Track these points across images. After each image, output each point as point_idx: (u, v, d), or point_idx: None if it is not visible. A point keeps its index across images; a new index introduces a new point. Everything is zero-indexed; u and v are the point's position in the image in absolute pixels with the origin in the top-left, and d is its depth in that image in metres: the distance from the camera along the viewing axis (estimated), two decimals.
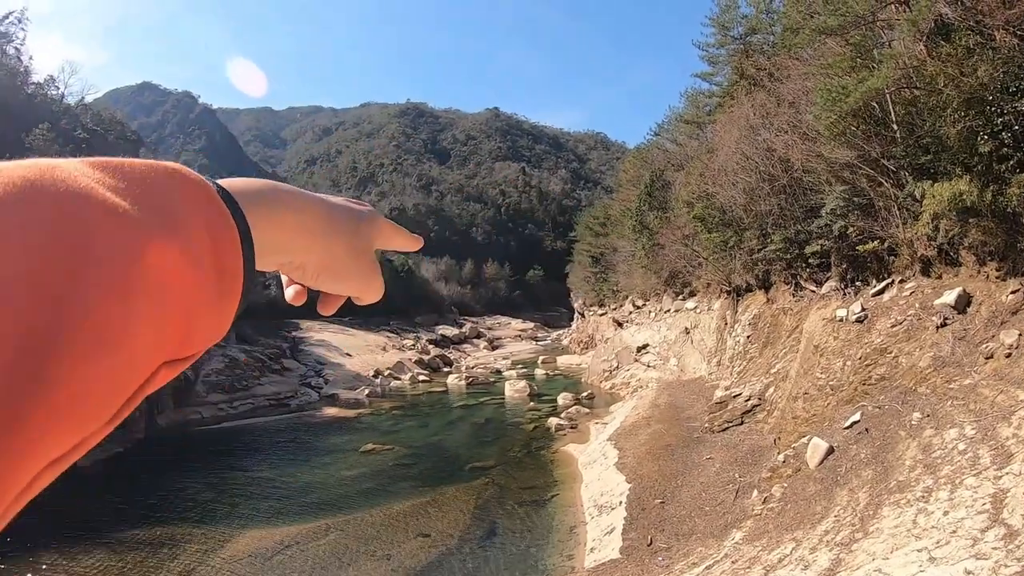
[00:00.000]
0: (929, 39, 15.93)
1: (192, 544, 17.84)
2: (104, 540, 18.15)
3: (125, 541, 18.05)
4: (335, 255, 0.86)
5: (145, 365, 0.49)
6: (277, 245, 0.76)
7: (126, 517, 20.19)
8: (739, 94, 29.66)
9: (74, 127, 42.43)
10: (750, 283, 25.90)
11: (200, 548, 17.56)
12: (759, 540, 12.09)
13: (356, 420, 35.81)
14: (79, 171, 0.49)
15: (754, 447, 17.80)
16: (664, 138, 50.50)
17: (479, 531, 18.28)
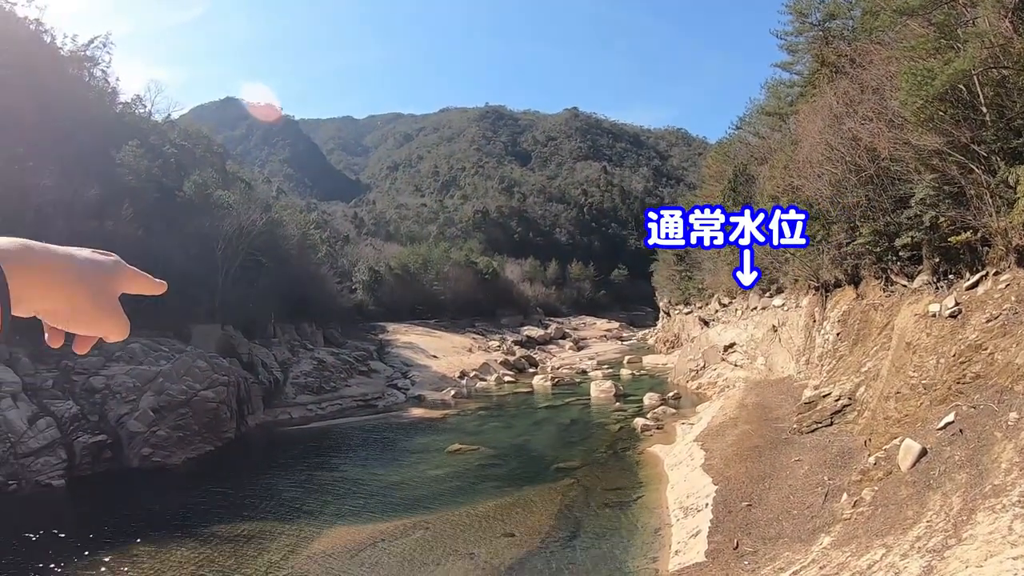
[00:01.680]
0: (1015, 15, 15.14)
1: (280, 539, 18.55)
2: (195, 534, 19.09)
3: (215, 535, 18.95)
4: (80, 303, 1.04)
5: None
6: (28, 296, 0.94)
7: (216, 512, 21.13)
8: (821, 82, 28.79)
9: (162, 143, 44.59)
10: (839, 278, 25.11)
11: (288, 543, 18.23)
12: (848, 545, 11.76)
13: (442, 421, 36.37)
14: None
15: (844, 449, 17.26)
16: (746, 131, 49.43)
17: (563, 532, 18.36)
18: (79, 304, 1.03)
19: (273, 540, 18.49)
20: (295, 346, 47.57)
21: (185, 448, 27.62)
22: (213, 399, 29.94)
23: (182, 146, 47.58)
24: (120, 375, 27.93)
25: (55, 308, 1.01)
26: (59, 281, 1.00)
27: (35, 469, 23.11)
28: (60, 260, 1.01)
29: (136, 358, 29.30)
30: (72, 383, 26.93)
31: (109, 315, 1.08)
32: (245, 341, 39.75)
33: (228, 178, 53.64)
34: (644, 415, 31.60)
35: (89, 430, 25.66)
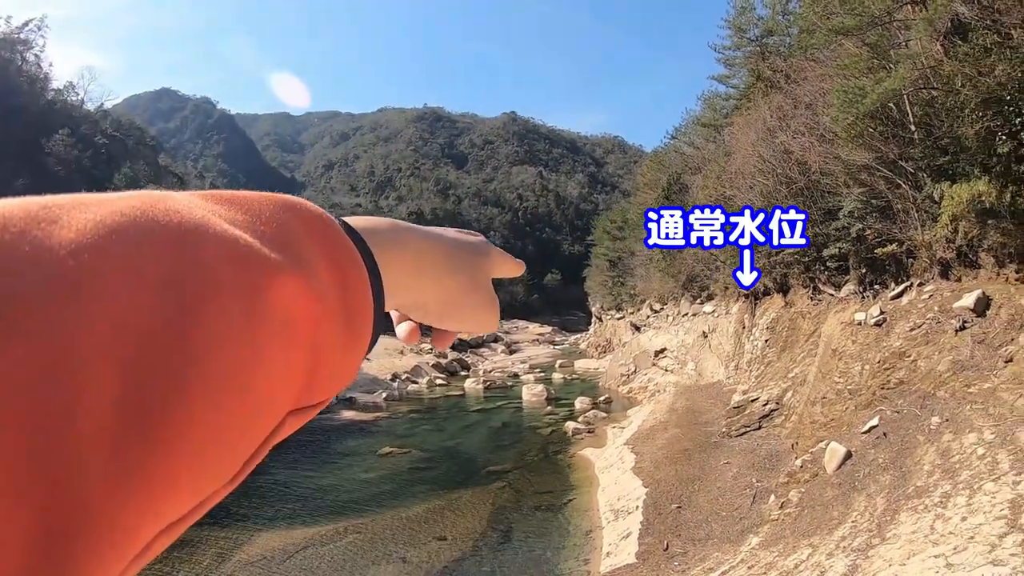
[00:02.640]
0: (946, 38, 15.78)
1: (209, 545, 17.91)
2: None
3: None
4: (455, 293, 0.83)
5: (272, 412, 0.45)
6: (398, 286, 0.72)
7: None
8: (756, 96, 29.53)
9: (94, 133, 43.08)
10: (768, 286, 25.72)
11: (217, 549, 17.65)
12: (776, 545, 12.00)
13: (373, 423, 35.87)
14: (193, 203, 0.43)
15: (772, 452, 17.66)
16: (681, 141, 50.33)
17: (495, 535, 18.25)
18: (453, 294, 0.82)
19: (202, 546, 17.77)
20: None
21: None
22: None
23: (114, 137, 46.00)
24: None
25: (428, 301, 0.81)
26: (433, 268, 0.79)
27: None
28: (434, 242, 0.80)
29: None
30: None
31: (485, 305, 0.88)
32: None
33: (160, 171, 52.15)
34: (575, 419, 31.71)
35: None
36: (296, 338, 0.45)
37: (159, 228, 0.39)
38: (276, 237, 0.47)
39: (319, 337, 0.48)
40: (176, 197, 0.43)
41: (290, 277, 0.45)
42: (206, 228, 0.41)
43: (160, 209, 0.40)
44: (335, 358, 0.52)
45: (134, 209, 0.39)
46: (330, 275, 0.51)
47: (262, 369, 0.42)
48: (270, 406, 0.44)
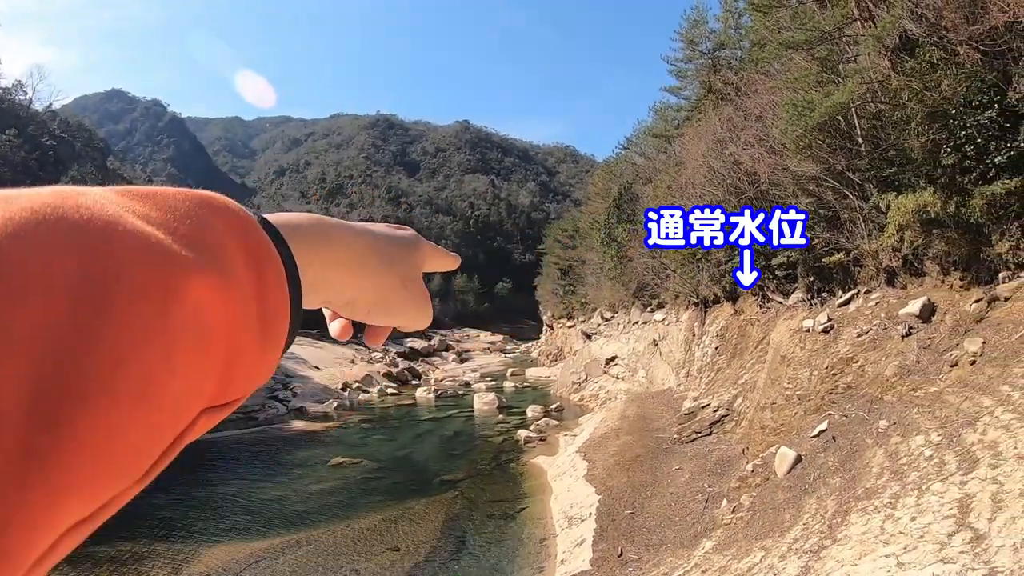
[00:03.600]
0: (894, 54, 16.27)
1: (157, 560, 17.42)
2: (66, 557, 17.56)
3: (87, 558, 17.44)
4: (385, 288, 0.80)
5: (183, 413, 0.44)
6: (324, 283, 0.70)
7: None
8: (707, 108, 30.01)
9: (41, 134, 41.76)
10: (717, 295, 26.10)
11: (168, 564, 17.20)
12: (729, 549, 12.12)
13: (324, 433, 35.38)
14: (106, 199, 0.42)
15: (723, 457, 17.87)
16: (633, 152, 50.84)
17: (449, 545, 18.11)
18: (384, 290, 0.79)
19: (152, 560, 17.32)
20: None
21: None
22: None
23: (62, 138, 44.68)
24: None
25: (359, 297, 0.78)
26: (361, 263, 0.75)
27: None
28: (362, 238, 0.76)
29: None
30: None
31: (416, 300, 0.85)
32: None
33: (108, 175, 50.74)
34: (527, 427, 31.73)
35: None
36: (210, 339, 0.44)
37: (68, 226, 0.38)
38: (191, 235, 0.45)
39: (234, 337, 0.47)
40: (89, 193, 0.41)
41: (204, 276, 0.44)
42: (117, 225, 0.40)
43: (71, 206, 0.39)
44: (250, 357, 0.51)
45: (44, 206, 0.38)
46: (247, 273, 0.50)
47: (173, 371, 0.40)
48: (181, 408, 0.43)
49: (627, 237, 38.30)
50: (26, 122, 40.96)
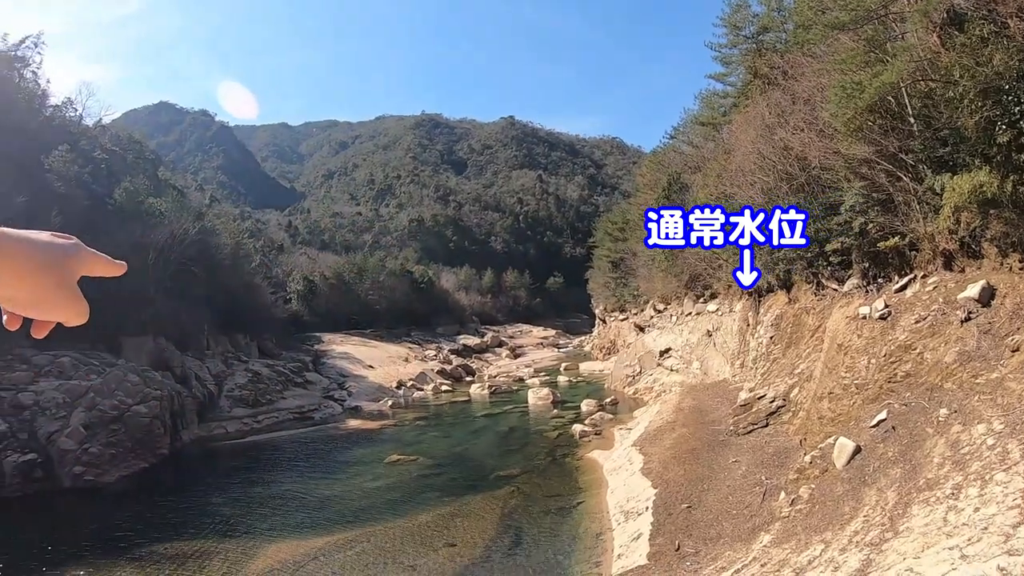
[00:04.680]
0: (942, 30, 15.75)
1: (220, 557, 17.96)
2: (133, 554, 18.32)
3: (151, 556, 18.17)
4: (41, 288, 1.02)
5: None
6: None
7: (151, 532, 20.33)
8: (754, 93, 29.53)
9: (93, 148, 42.95)
10: (771, 283, 25.68)
11: (228, 561, 17.67)
12: (788, 542, 11.97)
13: (380, 431, 35.93)
14: None
15: (780, 449, 17.61)
16: (680, 141, 50.36)
17: (505, 540, 18.25)
18: (41, 290, 1.02)
19: (213, 558, 17.86)
20: (229, 358, 46.28)
21: (119, 466, 26.49)
22: (146, 414, 28.83)
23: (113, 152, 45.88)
24: (49, 390, 26.75)
25: (16, 295, 1.00)
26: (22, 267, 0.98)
27: None
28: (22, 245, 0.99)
29: (66, 372, 28.11)
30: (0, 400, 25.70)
31: (70, 300, 1.08)
32: (178, 354, 38.46)
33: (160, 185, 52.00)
34: (582, 421, 31.78)
35: (18, 449, 24.52)
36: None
37: None
38: None
39: None
40: None
41: None
42: None
43: None
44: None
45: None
46: None
47: None
48: None
49: None
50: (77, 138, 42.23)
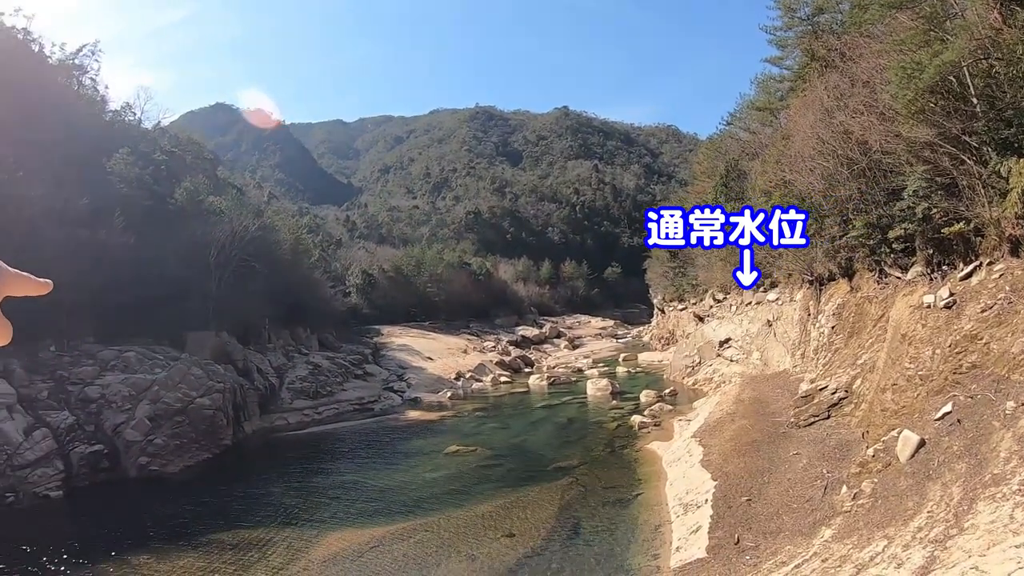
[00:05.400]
0: (1003, 6, 15.19)
1: (281, 545, 18.50)
2: (196, 541, 19.01)
3: (214, 543, 18.85)
4: None
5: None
6: None
7: (216, 520, 21.05)
8: (811, 77, 28.87)
9: (153, 150, 44.23)
10: (833, 271, 25.15)
11: (289, 549, 18.20)
12: (849, 537, 11.78)
13: (439, 423, 36.39)
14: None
15: (842, 441, 17.28)
16: (737, 127, 49.51)
17: (564, 531, 18.33)
18: None
19: (274, 546, 18.44)
20: (290, 351, 47.44)
21: (183, 456, 27.51)
22: (209, 406, 29.81)
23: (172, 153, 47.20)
24: (115, 384, 27.84)
25: None
26: None
27: (32, 480, 23.03)
28: None
29: (131, 367, 29.24)
30: (67, 393, 26.87)
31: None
32: (240, 347, 39.62)
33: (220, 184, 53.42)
34: (641, 412, 31.67)
35: (86, 440, 25.55)
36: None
37: None
38: None
39: None
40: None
41: None
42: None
43: None
44: None
45: None
46: None
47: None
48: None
49: None
50: (137, 140, 43.57)
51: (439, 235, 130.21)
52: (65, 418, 25.48)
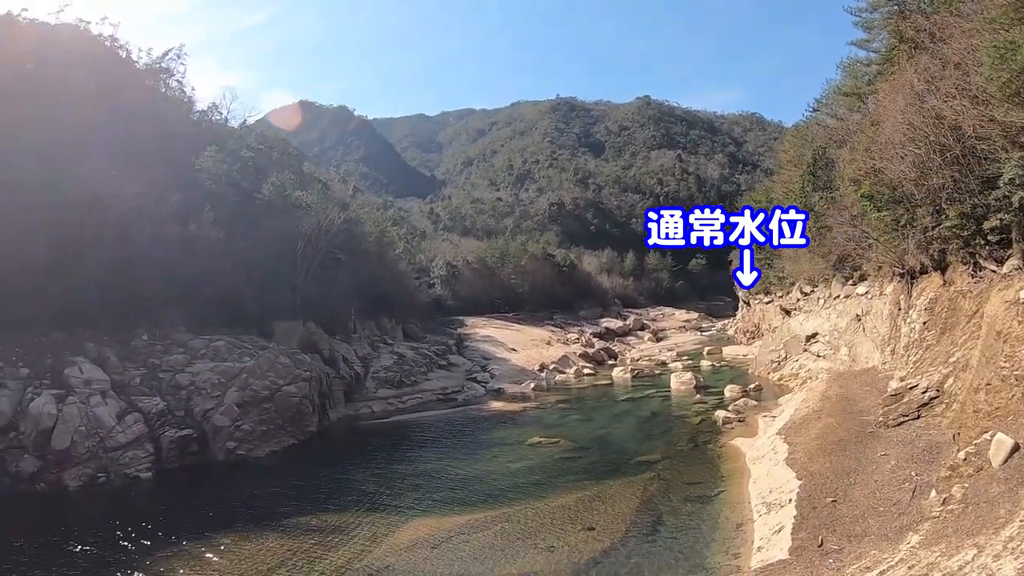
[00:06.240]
0: None
1: (362, 530, 19.09)
2: (280, 524, 19.81)
3: (297, 526, 19.62)
4: None
5: None
6: None
7: (300, 503, 21.91)
8: (900, 59, 27.68)
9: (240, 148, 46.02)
10: (925, 264, 24.17)
11: (370, 534, 18.74)
12: (937, 545, 11.40)
13: (521, 413, 36.76)
14: None
15: (932, 443, 16.65)
16: (823, 113, 47.80)
17: (644, 526, 18.32)
18: None
19: (356, 531, 19.08)
20: (375, 341, 48.81)
21: (269, 441, 28.79)
22: (296, 394, 30.99)
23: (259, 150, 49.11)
24: (205, 372, 29.34)
25: None
26: None
27: (123, 462, 24.55)
28: None
29: (220, 355, 30.79)
30: (159, 380, 28.52)
31: None
32: (326, 337, 41.05)
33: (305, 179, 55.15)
34: (725, 407, 31.34)
35: (176, 425, 27.02)
36: None
37: None
38: None
39: None
40: None
41: None
42: None
43: None
44: None
45: None
46: None
47: None
48: None
49: (824, 206, 36.19)
50: (224, 138, 45.49)
51: (523, 227, 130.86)
52: (156, 403, 27.03)
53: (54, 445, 23.57)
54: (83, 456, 23.85)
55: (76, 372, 26.07)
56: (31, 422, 23.60)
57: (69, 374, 25.88)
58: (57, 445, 23.59)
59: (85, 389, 25.50)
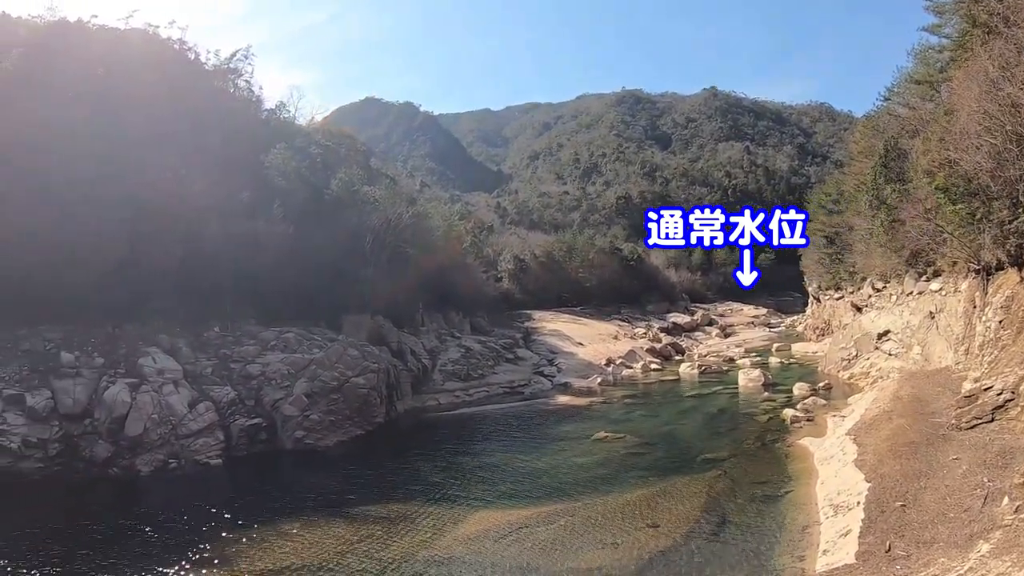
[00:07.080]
0: None
1: (427, 520, 19.44)
2: (347, 512, 20.30)
3: (363, 515, 20.07)
4: None
5: None
6: None
7: (366, 492, 22.44)
8: (973, 45, 26.74)
9: (308, 145, 46.94)
10: (1001, 260, 23.39)
11: (435, 525, 19.08)
12: (1008, 554, 11.17)
13: (588, 408, 36.75)
14: None
15: (1005, 448, 16.15)
16: (895, 103, 46.36)
17: (708, 524, 18.24)
18: None
19: (421, 521, 19.47)
20: (443, 334, 49.56)
21: (336, 432, 29.47)
22: (364, 385, 31.65)
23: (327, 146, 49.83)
24: (275, 363, 30.24)
25: None
26: None
27: (194, 449, 25.50)
28: None
29: (290, 347, 31.71)
30: (230, 370, 29.52)
31: None
32: (394, 330, 41.88)
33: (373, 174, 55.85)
34: (794, 406, 30.85)
35: (246, 414, 27.92)
36: None
37: None
38: None
39: None
40: None
41: None
42: None
43: None
44: None
45: None
46: None
47: None
48: None
49: (897, 198, 35.26)
50: (292, 136, 46.38)
51: (590, 220, 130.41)
52: (227, 393, 27.99)
53: (127, 432, 24.70)
54: (155, 443, 24.94)
55: (149, 362, 27.20)
56: (105, 409, 24.79)
57: (143, 364, 27.01)
58: (130, 432, 24.72)
59: (158, 378, 26.62)
